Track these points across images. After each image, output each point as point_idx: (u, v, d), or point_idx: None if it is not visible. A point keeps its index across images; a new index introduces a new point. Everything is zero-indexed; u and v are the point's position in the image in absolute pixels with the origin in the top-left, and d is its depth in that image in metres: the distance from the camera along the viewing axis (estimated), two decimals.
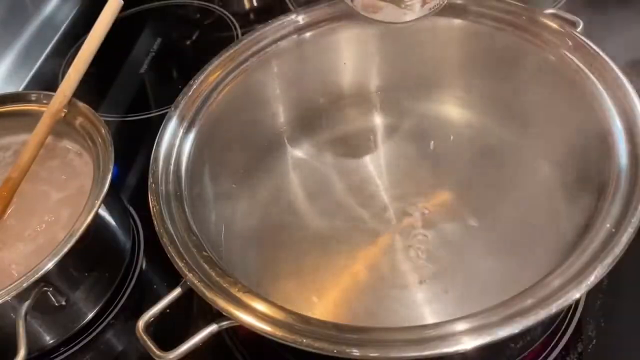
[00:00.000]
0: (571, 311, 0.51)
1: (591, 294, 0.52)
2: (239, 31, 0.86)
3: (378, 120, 0.63)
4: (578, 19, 0.55)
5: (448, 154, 0.59)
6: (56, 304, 0.52)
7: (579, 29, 0.54)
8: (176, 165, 0.51)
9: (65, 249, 0.49)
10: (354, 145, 0.61)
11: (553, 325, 0.50)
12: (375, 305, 0.50)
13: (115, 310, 0.58)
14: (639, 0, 0.75)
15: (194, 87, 0.55)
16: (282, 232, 0.56)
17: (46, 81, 0.86)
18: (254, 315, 0.40)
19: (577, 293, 0.37)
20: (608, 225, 0.41)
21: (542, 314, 0.37)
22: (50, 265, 0.48)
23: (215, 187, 0.56)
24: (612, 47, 0.51)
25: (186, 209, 0.47)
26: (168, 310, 0.44)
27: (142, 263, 0.62)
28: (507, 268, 0.50)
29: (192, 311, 0.56)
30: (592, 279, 0.38)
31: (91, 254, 0.55)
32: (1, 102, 0.63)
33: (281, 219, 0.57)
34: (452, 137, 0.60)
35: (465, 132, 0.60)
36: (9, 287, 0.47)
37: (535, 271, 0.41)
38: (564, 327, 0.50)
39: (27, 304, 0.48)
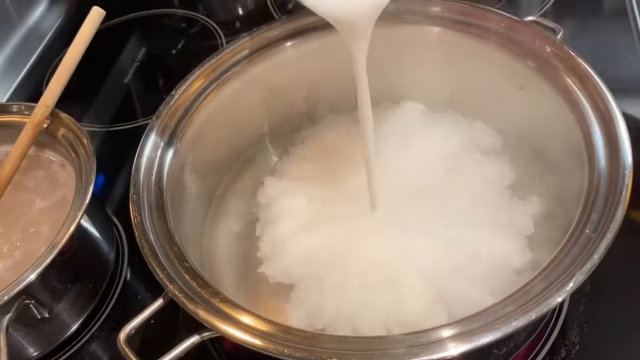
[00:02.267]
0: (555, 316, 0.51)
1: (574, 299, 0.52)
2: (224, 40, 0.86)
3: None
4: (558, 26, 0.55)
5: (429, 160, 0.59)
6: (39, 317, 0.52)
7: (558, 36, 0.54)
8: (158, 175, 0.50)
9: (47, 261, 0.49)
10: (337, 154, 0.61)
11: (537, 330, 0.50)
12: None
13: (100, 321, 0.58)
14: (619, 11, 0.76)
15: (176, 97, 0.55)
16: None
17: (31, 91, 0.86)
18: (236, 326, 0.40)
19: (557, 298, 0.37)
20: (587, 231, 0.41)
21: (522, 320, 0.37)
22: (31, 277, 0.48)
23: (198, 197, 0.56)
24: (590, 55, 0.51)
25: (168, 220, 0.47)
26: (152, 321, 0.44)
27: (127, 273, 0.61)
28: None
29: (177, 322, 0.55)
30: (571, 284, 0.38)
31: (74, 265, 0.54)
32: None
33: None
34: (433, 142, 0.60)
35: (447, 135, 0.60)
36: None
37: None
38: (547, 332, 0.51)
39: (8, 317, 0.48)
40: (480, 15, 0.56)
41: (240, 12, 0.93)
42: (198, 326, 0.42)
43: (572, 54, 0.51)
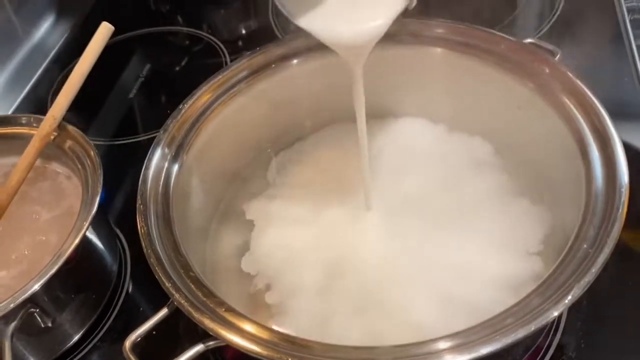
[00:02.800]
0: (552, 331, 0.52)
1: (572, 314, 0.53)
2: (228, 58, 0.88)
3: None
4: (556, 48, 0.57)
5: (426, 172, 0.61)
6: (42, 326, 0.52)
7: (557, 58, 0.55)
8: (164, 187, 0.51)
9: (53, 270, 0.49)
10: (339, 168, 0.62)
11: (535, 345, 0.51)
12: None
13: (102, 332, 0.58)
14: (614, 34, 0.77)
15: (183, 111, 0.56)
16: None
17: (36, 105, 0.87)
18: (240, 334, 0.40)
19: (554, 312, 0.38)
20: (585, 246, 0.42)
21: (521, 332, 0.38)
22: (37, 286, 0.49)
23: (202, 208, 0.56)
24: (586, 77, 0.53)
25: (174, 230, 0.48)
26: (154, 332, 0.45)
27: (129, 285, 0.62)
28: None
29: (178, 332, 0.56)
30: (570, 297, 0.39)
31: (78, 276, 0.55)
32: None
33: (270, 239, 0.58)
34: (431, 155, 0.62)
35: (445, 152, 0.62)
36: None
37: None
38: (545, 347, 0.51)
39: (13, 325, 0.49)
40: (480, 36, 0.58)
41: (244, 31, 0.95)
42: (200, 336, 0.42)
43: (570, 75, 0.52)
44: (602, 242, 0.41)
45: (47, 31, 0.98)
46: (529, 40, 0.58)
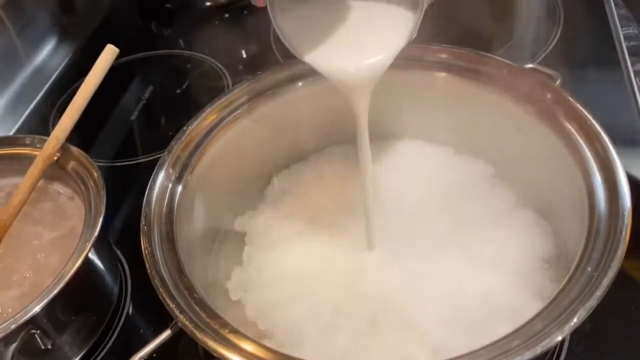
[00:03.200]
0: (555, 355, 0.52)
1: (575, 338, 0.53)
2: (230, 81, 0.88)
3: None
4: (557, 73, 0.58)
5: (428, 196, 0.61)
6: (43, 347, 0.52)
7: (557, 83, 0.56)
8: (168, 207, 0.51)
9: (54, 292, 0.49)
10: (341, 190, 0.63)
11: None
12: None
13: (102, 354, 0.58)
14: (612, 61, 0.78)
15: (188, 132, 0.57)
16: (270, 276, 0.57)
17: (37, 126, 0.87)
18: (244, 356, 0.40)
19: (560, 335, 0.38)
20: (589, 269, 0.42)
21: (527, 355, 0.38)
22: (37, 308, 0.49)
23: (205, 229, 0.56)
24: (584, 102, 0.53)
25: (178, 251, 0.48)
26: (154, 355, 0.45)
27: (129, 307, 0.62)
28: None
29: (177, 355, 0.55)
30: (575, 320, 0.39)
31: (79, 297, 0.55)
32: None
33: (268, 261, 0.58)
34: (432, 176, 0.62)
35: (447, 175, 0.62)
36: None
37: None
38: None
39: (14, 346, 0.48)
40: (482, 61, 0.59)
41: (245, 54, 0.95)
42: (202, 358, 0.42)
43: (571, 100, 0.53)
44: (607, 265, 0.41)
45: (49, 54, 0.98)
46: (529, 65, 0.59)
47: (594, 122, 0.51)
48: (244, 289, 0.56)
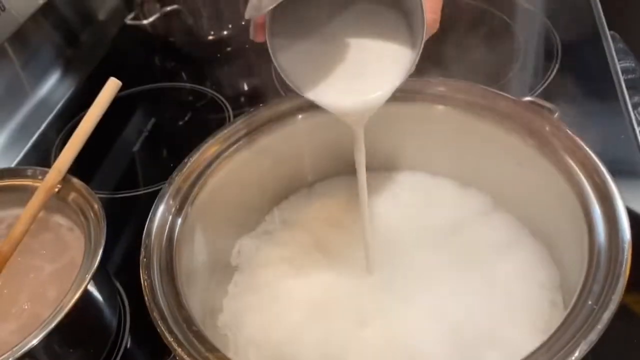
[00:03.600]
0: None
1: None
2: (231, 113, 0.89)
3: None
4: (555, 106, 0.58)
5: (427, 227, 0.61)
6: None
7: (555, 116, 0.57)
8: (168, 240, 0.51)
9: (53, 324, 0.49)
10: (341, 222, 0.63)
11: None
12: None
13: None
14: (610, 93, 0.79)
15: (189, 164, 0.57)
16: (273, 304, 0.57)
17: (39, 158, 0.87)
18: None
19: None
20: (590, 303, 0.42)
21: None
22: (35, 341, 0.48)
23: (205, 261, 0.56)
24: (582, 135, 0.54)
25: (177, 283, 0.48)
26: None
27: (128, 340, 0.61)
28: None
29: None
30: (577, 354, 0.38)
31: (78, 330, 0.54)
32: None
33: (270, 290, 0.58)
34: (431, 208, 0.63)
35: (445, 206, 0.63)
36: None
37: None
38: None
39: None
40: (480, 94, 0.59)
41: (246, 87, 0.96)
42: None
43: (570, 133, 0.53)
44: (607, 299, 0.41)
45: (53, 86, 0.99)
46: (527, 98, 0.59)
47: (592, 155, 0.51)
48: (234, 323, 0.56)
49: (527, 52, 0.91)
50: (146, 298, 0.46)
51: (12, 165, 0.86)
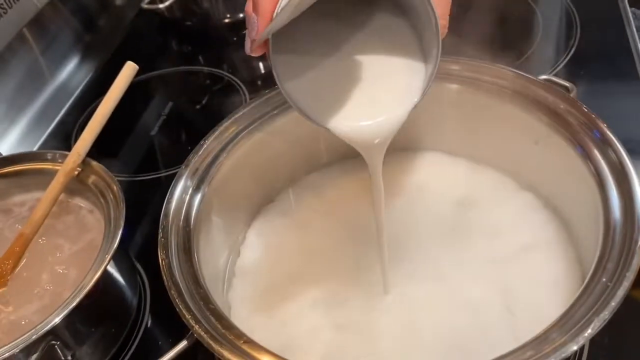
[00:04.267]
0: None
1: (593, 352, 0.52)
2: (247, 96, 0.90)
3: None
4: (572, 84, 0.57)
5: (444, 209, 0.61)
6: (62, 358, 0.53)
7: (572, 94, 0.56)
8: (185, 219, 0.52)
9: (74, 303, 0.50)
10: (356, 203, 0.63)
11: None
12: None
13: None
14: (629, 73, 0.78)
15: (205, 146, 0.57)
16: (290, 286, 0.57)
17: (60, 141, 0.89)
18: None
19: (574, 345, 0.38)
20: (604, 280, 0.42)
21: None
22: (58, 319, 0.50)
23: (221, 241, 0.57)
24: (600, 114, 0.53)
25: (194, 262, 0.49)
26: None
27: (148, 319, 0.62)
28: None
29: None
30: (590, 331, 0.38)
31: (99, 309, 0.56)
32: (19, 161, 0.65)
33: (289, 272, 0.59)
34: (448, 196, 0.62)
35: (462, 186, 0.63)
36: (18, 340, 0.48)
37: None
38: None
39: (34, 357, 0.49)
40: (495, 73, 0.59)
41: (263, 70, 0.97)
42: None
43: (586, 110, 0.53)
44: (622, 276, 0.41)
45: (72, 71, 1.00)
46: (543, 76, 0.59)
47: (608, 132, 0.51)
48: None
49: (547, 30, 0.90)
50: (164, 277, 0.47)
51: (34, 149, 0.88)
